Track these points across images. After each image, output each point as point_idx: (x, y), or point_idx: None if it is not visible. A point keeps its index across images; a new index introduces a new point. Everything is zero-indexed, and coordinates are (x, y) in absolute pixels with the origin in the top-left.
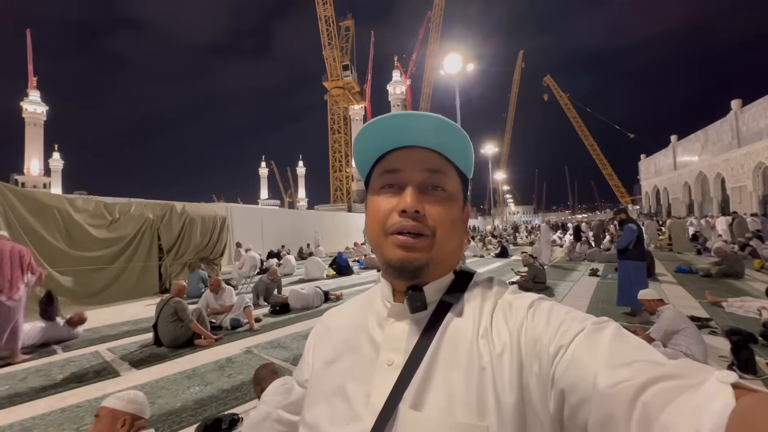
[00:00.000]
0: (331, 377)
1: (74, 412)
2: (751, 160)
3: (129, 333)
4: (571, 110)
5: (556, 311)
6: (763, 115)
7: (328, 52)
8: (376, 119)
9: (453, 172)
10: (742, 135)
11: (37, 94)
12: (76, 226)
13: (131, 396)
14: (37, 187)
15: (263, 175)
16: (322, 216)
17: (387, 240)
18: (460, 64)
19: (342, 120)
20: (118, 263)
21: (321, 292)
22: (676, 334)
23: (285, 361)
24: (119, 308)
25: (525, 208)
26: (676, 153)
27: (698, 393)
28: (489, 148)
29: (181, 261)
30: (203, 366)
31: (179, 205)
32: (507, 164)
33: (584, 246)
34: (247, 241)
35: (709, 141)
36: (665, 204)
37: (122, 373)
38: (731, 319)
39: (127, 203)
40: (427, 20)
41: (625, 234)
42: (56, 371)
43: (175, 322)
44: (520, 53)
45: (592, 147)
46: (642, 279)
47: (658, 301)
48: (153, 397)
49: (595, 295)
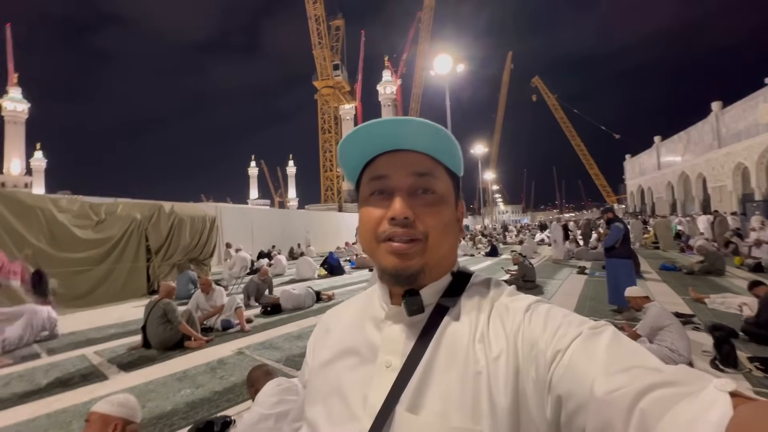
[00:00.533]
0: (329, 378)
1: (60, 417)
2: (730, 161)
3: (116, 335)
4: (558, 111)
5: (553, 315)
6: (742, 117)
7: (318, 51)
8: (359, 127)
9: (442, 173)
10: (722, 136)
11: (18, 91)
12: (60, 227)
13: (122, 400)
14: (18, 187)
15: (253, 175)
16: (313, 216)
17: (380, 247)
18: (451, 65)
19: (332, 119)
20: (104, 265)
21: (313, 293)
22: (661, 330)
23: (277, 362)
24: (106, 310)
25: (514, 208)
26: (659, 153)
27: (696, 401)
28: (479, 148)
29: (169, 262)
30: (194, 368)
31: (168, 205)
32: (496, 164)
33: (572, 244)
34: (237, 242)
35: (691, 142)
36: (650, 203)
37: (110, 377)
38: (713, 315)
39: (113, 203)
40: (417, 20)
41: (612, 232)
42: (40, 376)
43: (165, 323)
44: (509, 54)
45: (579, 147)
46: (629, 276)
47: (644, 298)
48: (143, 400)
49: (584, 293)
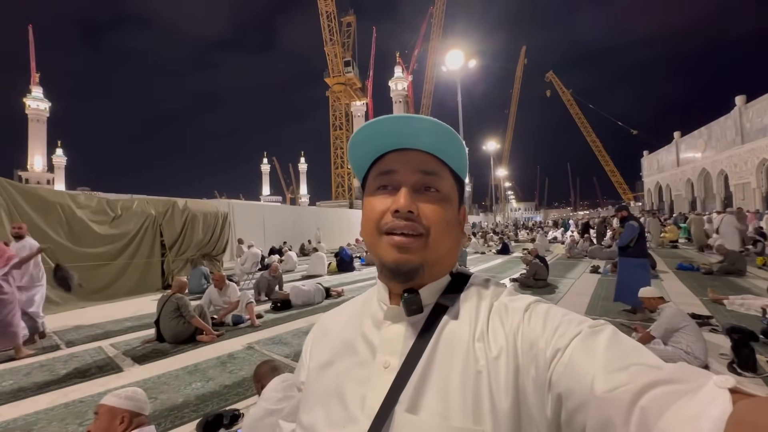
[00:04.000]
0: (328, 379)
1: (77, 407)
2: (755, 157)
3: (132, 329)
4: (573, 106)
5: (552, 314)
6: (767, 111)
7: (329, 48)
8: (370, 122)
9: (447, 174)
10: (746, 131)
11: (39, 90)
12: (79, 223)
13: (129, 393)
14: (40, 183)
15: (265, 172)
16: (324, 212)
17: (381, 240)
18: (462, 60)
19: (344, 116)
20: (121, 259)
21: (322, 289)
22: (676, 332)
23: (286, 357)
24: (122, 304)
25: (527, 205)
26: (679, 149)
27: (696, 398)
28: (491, 144)
29: (183, 257)
30: (205, 362)
31: (181, 202)
32: (509, 161)
33: (585, 243)
34: (248, 238)
35: (713, 137)
36: (668, 201)
37: (125, 369)
38: (732, 317)
39: (129, 199)
40: (429, 16)
41: (627, 231)
42: (60, 366)
43: (177, 318)
44: (523, 49)
45: (594, 143)
46: (643, 276)
47: (659, 299)
48: (155, 392)
49: (596, 293)
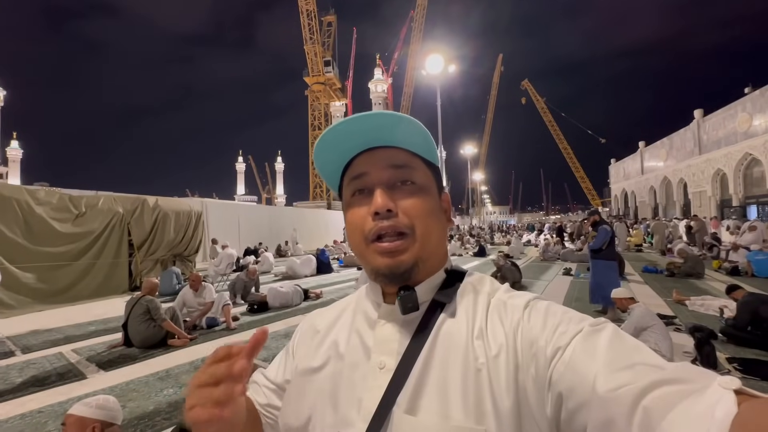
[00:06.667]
0: (320, 382)
1: (35, 417)
2: (710, 167)
3: (96, 333)
4: (547, 114)
5: (552, 311)
6: (722, 125)
7: (309, 47)
8: (326, 132)
9: (420, 164)
10: (703, 143)
11: None
12: (38, 220)
13: (100, 402)
14: None
15: (240, 171)
16: (301, 213)
17: (369, 248)
18: (442, 65)
19: (323, 116)
20: (84, 260)
21: (300, 290)
22: (645, 331)
23: (264, 362)
24: (86, 307)
25: (501, 209)
26: (643, 158)
27: (701, 399)
28: (468, 148)
29: (153, 257)
30: (177, 367)
31: (152, 199)
32: (485, 165)
33: (557, 246)
34: (223, 238)
35: (674, 148)
36: (632, 207)
37: (89, 376)
38: (694, 317)
39: (94, 196)
40: (409, 19)
41: (600, 235)
42: (15, 375)
43: (147, 321)
44: (500, 56)
45: (566, 150)
46: (612, 278)
47: (630, 299)
48: (123, 400)
49: (570, 294)
